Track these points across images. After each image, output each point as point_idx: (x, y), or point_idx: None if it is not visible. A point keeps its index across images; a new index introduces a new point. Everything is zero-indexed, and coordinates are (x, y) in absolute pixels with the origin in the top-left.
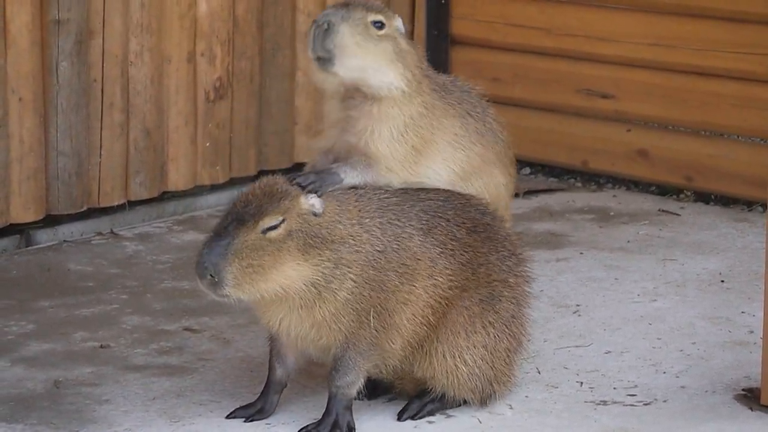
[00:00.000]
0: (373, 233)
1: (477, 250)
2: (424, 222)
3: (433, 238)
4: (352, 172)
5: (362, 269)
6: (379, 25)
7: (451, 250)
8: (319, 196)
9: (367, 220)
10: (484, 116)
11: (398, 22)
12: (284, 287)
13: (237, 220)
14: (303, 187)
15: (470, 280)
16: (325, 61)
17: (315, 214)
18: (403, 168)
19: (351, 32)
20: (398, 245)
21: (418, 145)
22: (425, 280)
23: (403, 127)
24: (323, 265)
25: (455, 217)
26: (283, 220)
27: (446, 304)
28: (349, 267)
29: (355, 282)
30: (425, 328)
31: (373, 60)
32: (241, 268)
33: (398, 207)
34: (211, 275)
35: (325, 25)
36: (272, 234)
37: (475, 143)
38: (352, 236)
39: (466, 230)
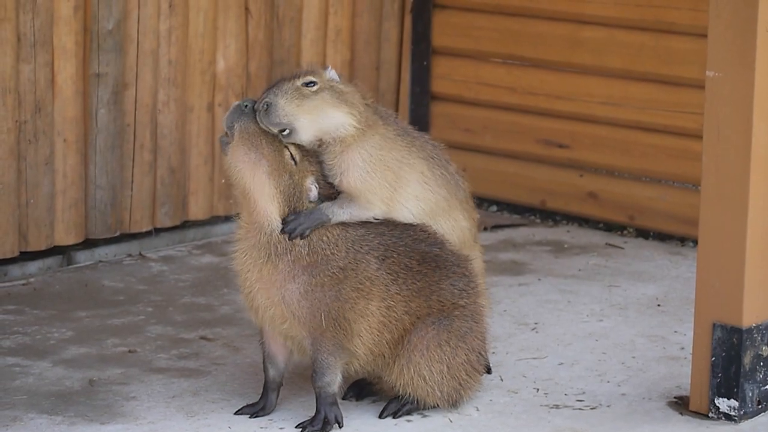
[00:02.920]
0: (339, 251)
1: (429, 278)
2: (381, 252)
3: (386, 266)
4: (338, 210)
5: (320, 270)
6: (311, 84)
7: (403, 278)
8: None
9: (341, 241)
10: (447, 165)
11: (330, 74)
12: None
13: None
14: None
15: (423, 308)
16: (288, 133)
17: (310, 201)
18: (382, 202)
19: (288, 100)
20: (356, 267)
21: (390, 179)
22: (380, 301)
23: (369, 161)
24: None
25: (406, 250)
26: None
27: (402, 327)
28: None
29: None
30: (383, 341)
31: (317, 110)
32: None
33: (363, 238)
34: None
35: (265, 106)
36: (287, 159)
37: (441, 187)
38: (325, 243)
39: (417, 261)
